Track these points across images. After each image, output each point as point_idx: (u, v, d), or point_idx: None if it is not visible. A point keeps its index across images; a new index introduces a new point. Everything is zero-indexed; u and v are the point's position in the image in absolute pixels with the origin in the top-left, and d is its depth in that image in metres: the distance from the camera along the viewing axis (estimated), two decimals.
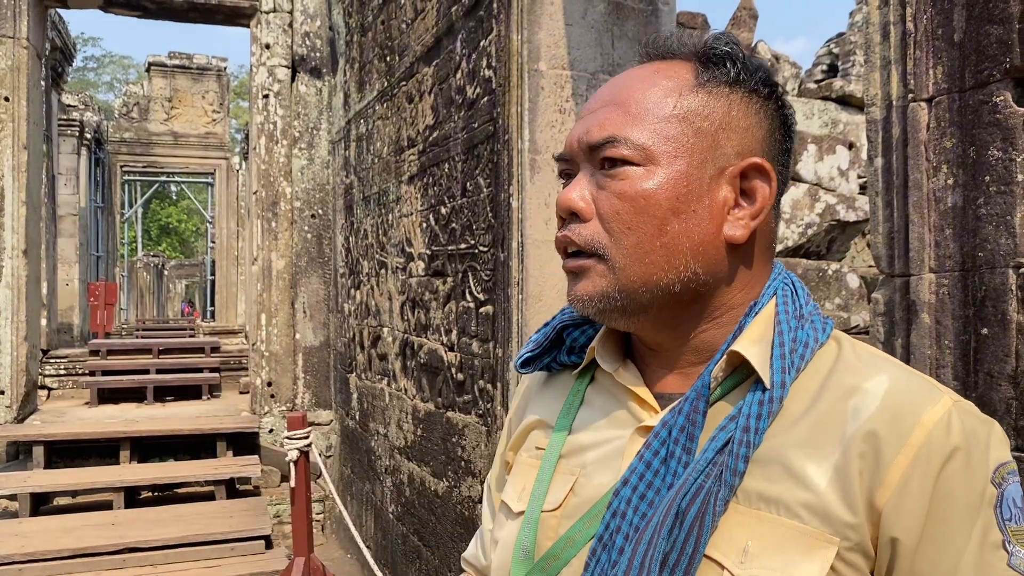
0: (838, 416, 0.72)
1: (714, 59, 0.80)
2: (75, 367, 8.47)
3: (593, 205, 0.78)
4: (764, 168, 0.79)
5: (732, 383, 0.77)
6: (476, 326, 3.50)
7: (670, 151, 0.76)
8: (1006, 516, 0.69)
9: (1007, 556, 0.68)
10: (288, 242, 6.76)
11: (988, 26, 1.44)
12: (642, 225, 0.76)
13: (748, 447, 0.71)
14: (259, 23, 6.80)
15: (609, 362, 0.85)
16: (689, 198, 0.76)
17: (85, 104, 15.45)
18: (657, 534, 0.71)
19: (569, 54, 3.10)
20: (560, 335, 0.92)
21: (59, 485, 5.67)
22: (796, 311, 0.79)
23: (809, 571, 0.68)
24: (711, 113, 0.78)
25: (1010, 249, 1.41)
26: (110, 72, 42.21)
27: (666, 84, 0.79)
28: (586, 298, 0.79)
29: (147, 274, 24.69)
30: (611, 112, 0.79)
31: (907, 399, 0.71)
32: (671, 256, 0.76)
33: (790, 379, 0.74)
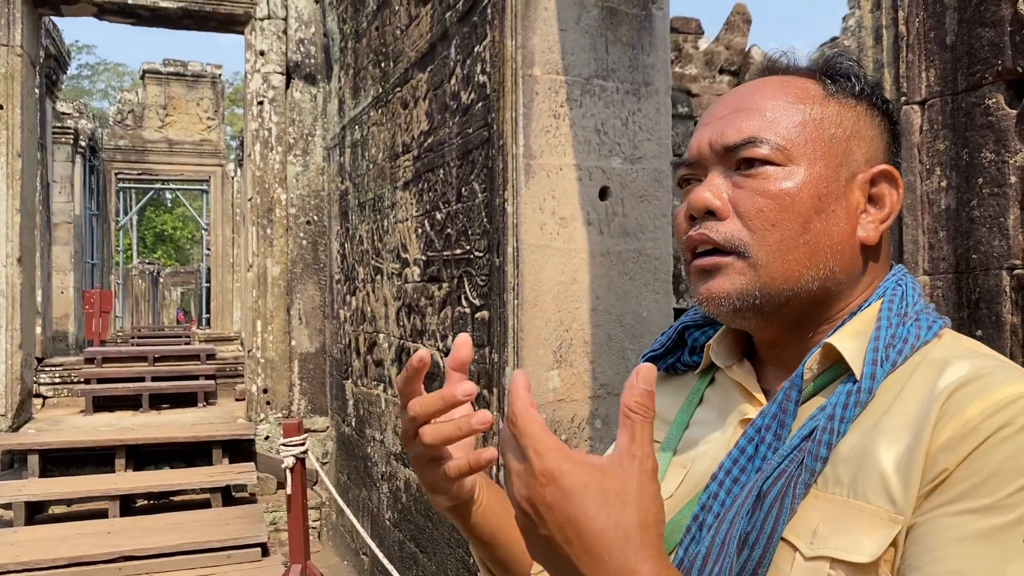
0: (918, 401, 0.72)
1: (839, 73, 0.84)
2: (70, 375, 8.45)
3: (729, 204, 0.80)
4: (892, 175, 0.83)
5: (829, 378, 0.79)
6: (472, 332, 3.50)
7: (808, 152, 0.79)
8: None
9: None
10: (283, 248, 6.75)
11: (980, 29, 1.45)
12: (786, 222, 0.78)
13: (831, 434, 0.73)
14: (254, 30, 6.80)
15: (724, 359, 0.88)
16: (829, 198, 0.79)
17: (80, 112, 15.44)
18: (739, 515, 0.74)
19: (563, 59, 3.10)
20: (682, 336, 0.96)
21: (54, 494, 5.65)
22: (900, 310, 0.79)
23: (870, 548, 0.68)
24: (843, 121, 0.81)
25: (1004, 251, 1.41)
26: (105, 80, 42.19)
27: (797, 93, 0.82)
28: (723, 295, 0.80)
29: (142, 282, 24.65)
30: (746, 116, 0.81)
31: (987, 375, 0.70)
32: (813, 254, 0.78)
33: (881, 371, 0.75)
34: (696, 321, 0.95)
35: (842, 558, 0.69)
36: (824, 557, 0.70)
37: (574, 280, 3.10)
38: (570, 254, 3.09)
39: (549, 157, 3.06)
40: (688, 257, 0.83)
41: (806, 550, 0.71)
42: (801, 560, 0.71)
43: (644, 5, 3.25)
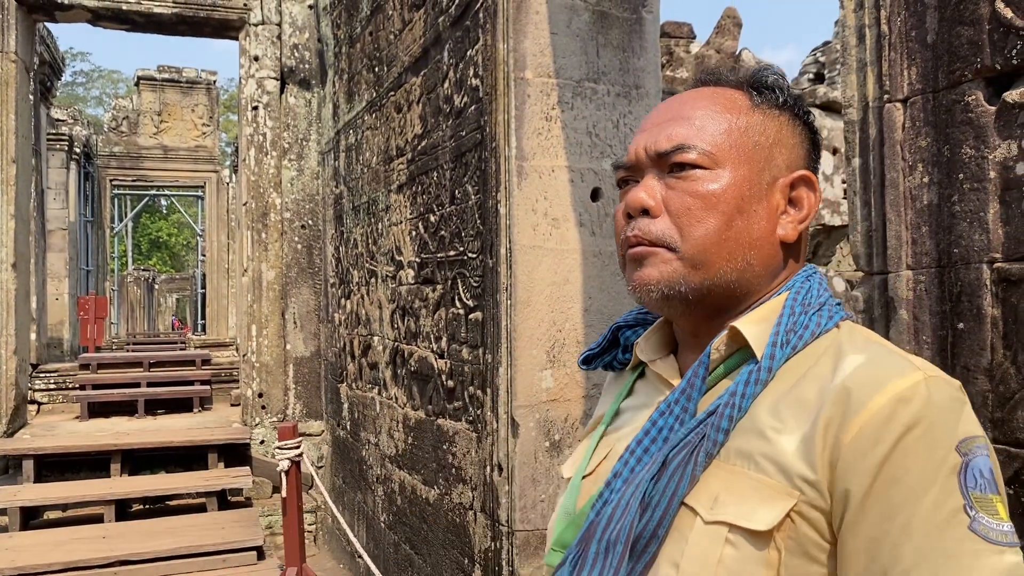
0: (817, 389, 0.78)
1: (764, 85, 0.92)
2: (65, 381, 8.44)
3: (662, 204, 0.87)
4: (811, 179, 0.91)
5: (736, 362, 0.86)
6: (466, 333, 3.52)
7: (733, 157, 0.87)
8: (970, 484, 0.71)
9: (968, 520, 0.69)
10: (278, 253, 6.77)
11: (959, 27, 1.48)
12: (710, 219, 0.85)
13: (734, 409, 0.80)
14: (248, 35, 6.82)
15: (649, 355, 0.97)
16: (751, 199, 0.86)
17: (74, 118, 15.44)
18: (644, 479, 0.81)
19: (555, 62, 3.13)
20: (616, 336, 1.04)
21: (49, 499, 5.65)
22: (805, 301, 0.86)
23: (766, 517, 0.75)
24: (766, 130, 0.89)
25: (984, 245, 1.44)
26: (99, 87, 42.17)
27: (725, 103, 0.90)
28: (651, 283, 0.87)
29: (137, 288, 24.62)
30: (677, 125, 0.89)
31: (879, 370, 0.76)
32: (734, 248, 0.86)
33: (781, 354, 0.82)
34: (628, 322, 1.03)
35: (740, 524, 0.76)
36: (723, 522, 0.77)
37: (567, 280, 3.13)
38: (563, 255, 3.12)
39: (541, 159, 3.09)
40: (623, 252, 0.91)
41: (706, 515, 0.78)
42: (701, 524, 0.78)
43: (634, 9, 3.28)
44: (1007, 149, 1.41)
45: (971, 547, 0.69)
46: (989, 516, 0.70)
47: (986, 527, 0.69)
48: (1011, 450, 1.40)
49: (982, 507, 0.70)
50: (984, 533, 0.69)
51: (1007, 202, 1.41)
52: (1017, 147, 1.39)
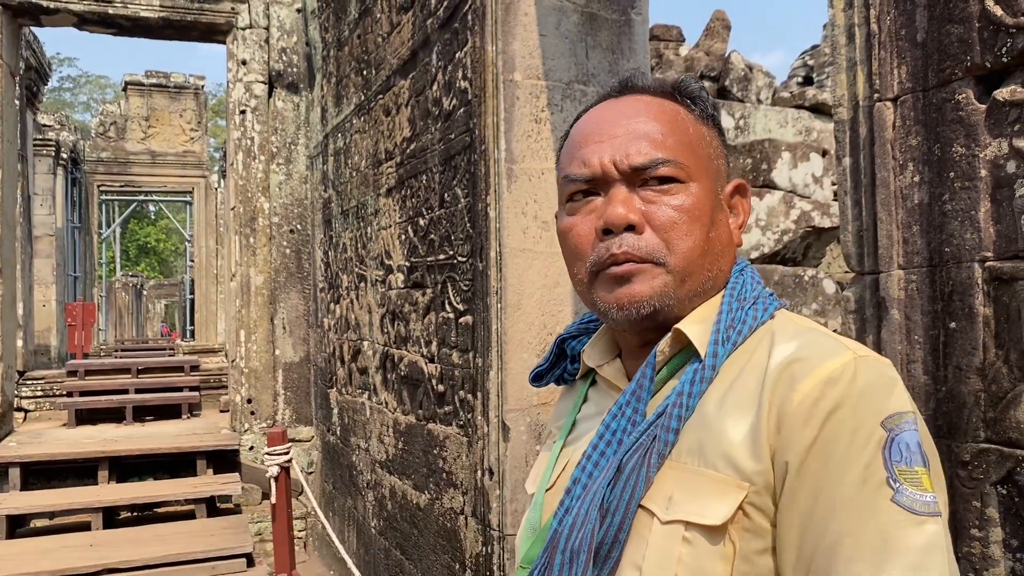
0: (757, 377, 0.81)
1: (692, 96, 0.93)
2: (52, 388, 8.36)
3: (643, 218, 0.87)
4: (745, 187, 0.95)
5: (681, 361, 0.87)
6: (456, 337, 3.50)
7: (701, 170, 0.89)
8: (895, 457, 0.73)
9: (892, 492, 0.71)
10: (267, 258, 6.73)
11: (949, 26, 1.47)
12: (696, 232, 0.86)
13: (682, 408, 0.82)
14: (236, 39, 6.79)
15: (596, 360, 0.97)
16: (716, 209, 0.90)
17: (61, 124, 15.36)
18: (601, 486, 0.82)
19: (544, 64, 3.12)
20: (562, 348, 1.05)
21: (36, 507, 5.59)
22: (741, 296, 0.89)
23: (720, 512, 0.76)
24: (711, 142, 0.92)
25: (975, 244, 1.43)
26: (87, 92, 41.96)
27: (675, 115, 0.90)
28: (643, 299, 0.86)
29: (126, 294, 24.48)
30: (644, 137, 0.88)
31: (812, 352, 0.79)
32: (712, 259, 0.89)
33: (723, 351, 0.84)
34: (572, 333, 1.04)
35: (695, 521, 0.77)
36: (679, 521, 0.78)
37: (557, 283, 3.11)
38: (553, 257, 3.10)
39: (531, 161, 3.08)
40: (598, 268, 0.88)
41: (663, 515, 0.79)
42: (659, 524, 0.79)
43: (623, 11, 3.27)
44: (998, 147, 1.40)
45: (894, 518, 0.71)
46: (913, 488, 0.72)
47: (910, 498, 0.71)
48: (1004, 450, 1.39)
49: (906, 479, 0.72)
50: (907, 504, 0.71)
51: (998, 200, 1.40)
52: (1008, 145, 1.39)
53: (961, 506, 1.45)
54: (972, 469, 1.44)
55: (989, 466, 1.41)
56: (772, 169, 5.06)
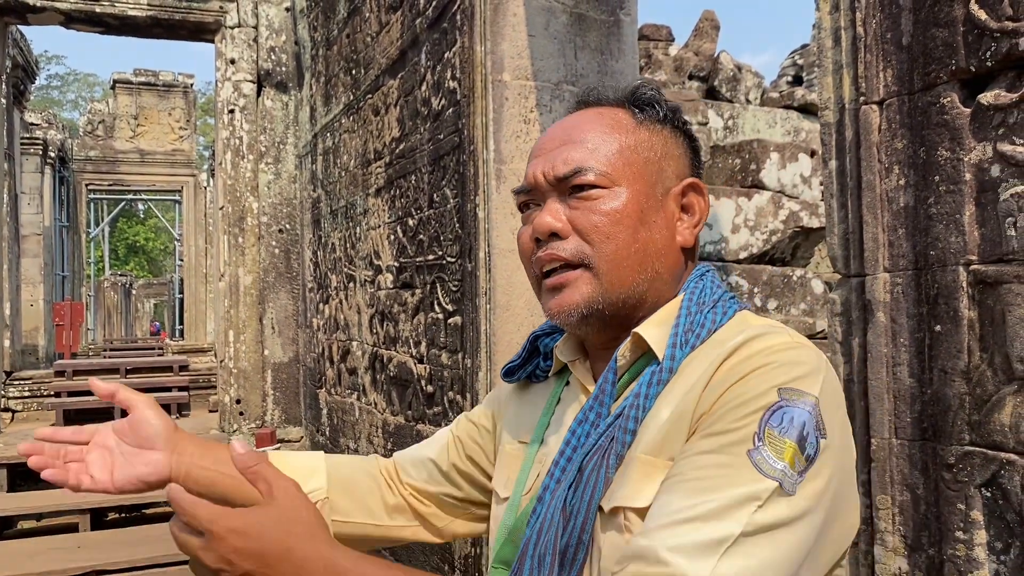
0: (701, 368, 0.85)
1: (644, 102, 0.96)
2: (40, 388, 8.33)
3: (569, 225, 0.91)
4: (699, 186, 0.97)
5: (642, 365, 0.90)
6: (445, 337, 3.49)
7: (628, 175, 0.91)
8: (773, 422, 0.76)
9: (751, 447, 0.75)
10: (255, 257, 6.71)
11: (934, 29, 1.48)
12: (619, 233, 0.89)
13: (638, 410, 0.85)
14: (224, 38, 6.77)
15: (569, 356, 1.00)
16: (650, 211, 0.92)
17: (49, 122, 15.27)
18: (564, 488, 0.86)
19: (533, 65, 3.12)
20: (535, 345, 1.07)
21: (23, 508, 5.56)
22: (700, 300, 0.92)
23: (648, 493, 0.80)
24: (654, 145, 0.94)
25: (960, 247, 1.44)
26: (75, 90, 41.73)
27: (612, 124, 0.94)
28: (572, 306, 0.90)
29: (114, 294, 24.36)
30: (571, 149, 0.93)
31: (755, 334, 0.84)
32: (643, 259, 0.91)
33: (680, 353, 0.87)
34: (545, 330, 1.06)
35: (628, 505, 0.81)
36: (618, 508, 0.81)
37: None
38: None
39: (520, 162, 3.07)
40: (538, 274, 0.94)
41: (606, 506, 0.83)
42: (605, 516, 0.83)
43: (612, 11, 3.27)
44: (982, 151, 1.41)
45: (739, 467, 0.74)
46: (772, 453, 0.74)
47: (763, 459, 0.74)
48: (988, 453, 1.39)
49: (771, 443, 0.75)
50: (758, 463, 0.74)
51: (983, 204, 1.41)
52: (992, 149, 1.39)
53: (946, 509, 1.46)
54: (957, 472, 1.44)
55: (974, 469, 1.42)
56: (761, 169, 5.07)
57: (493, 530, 1.01)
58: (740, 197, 4.87)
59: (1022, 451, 1.34)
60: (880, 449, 1.58)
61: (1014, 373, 1.35)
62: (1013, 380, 1.36)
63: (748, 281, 4.55)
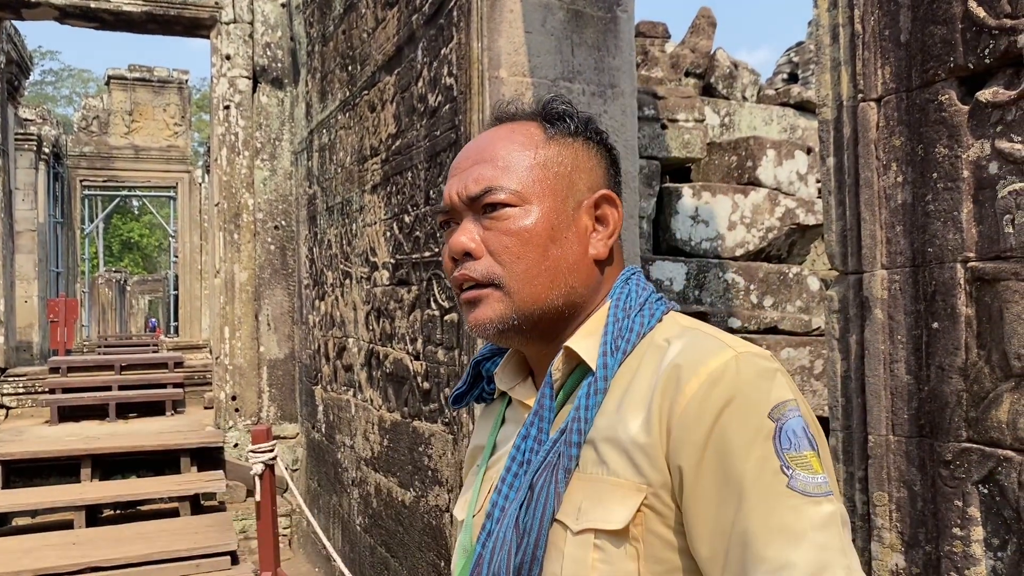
0: (648, 380, 0.85)
1: (556, 116, 0.97)
2: (34, 385, 8.30)
3: (482, 244, 0.92)
4: (611, 197, 0.97)
5: (577, 378, 0.91)
6: (441, 334, 3.49)
7: (538, 192, 0.92)
8: (784, 446, 0.78)
9: (786, 479, 0.76)
10: (251, 254, 6.69)
11: (932, 27, 1.48)
12: (528, 253, 0.90)
13: (581, 422, 0.85)
14: (219, 34, 6.74)
15: (507, 382, 1.01)
16: (560, 227, 0.92)
17: (43, 118, 15.20)
18: (516, 508, 0.87)
19: (529, 61, 3.11)
20: (478, 370, 1.07)
21: (17, 505, 5.54)
22: (626, 305, 0.92)
23: (620, 516, 0.80)
24: (564, 159, 0.94)
25: (958, 244, 1.44)
26: (69, 86, 41.59)
27: (523, 140, 0.94)
28: (486, 321, 0.91)
29: (109, 290, 24.28)
30: (483, 168, 0.93)
31: (695, 353, 0.83)
32: (554, 276, 0.91)
33: (613, 361, 0.88)
34: (485, 355, 1.07)
35: (601, 527, 0.81)
36: (588, 529, 0.82)
37: None
38: None
39: None
40: (457, 292, 0.96)
41: (573, 526, 0.83)
42: (571, 536, 0.83)
43: (609, 8, 3.27)
44: (980, 148, 1.41)
45: (792, 502, 0.75)
46: (804, 472, 0.77)
47: (803, 482, 0.76)
48: (985, 449, 1.40)
49: (797, 465, 0.77)
50: (802, 488, 0.76)
51: (980, 201, 1.41)
52: (990, 146, 1.39)
53: (943, 505, 1.46)
54: (954, 468, 1.45)
55: (971, 465, 1.42)
56: (757, 166, 5.07)
57: (454, 556, 1.02)
58: (736, 194, 4.87)
59: (1019, 448, 1.35)
60: (877, 446, 1.58)
61: (1011, 370, 1.35)
62: (1010, 377, 1.36)
63: (744, 278, 4.55)
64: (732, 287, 4.53)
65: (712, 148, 5.42)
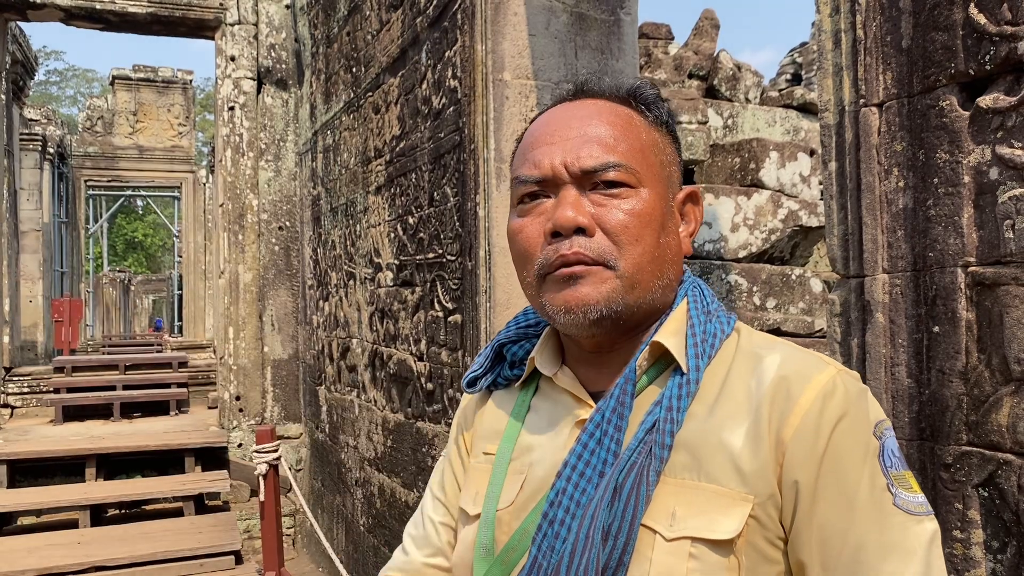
0: (745, 389, 0.83)
1: (647, 102, 0.93)
2: (39, 385, 8.33)
3: (594, 221, 0.85)
4: (696, 195, 0.95)
5: (655, 373, 0.88)
6: (445, 335, 3.50)
7: (652, 176, 0.88)
8: (888, 464, 0.80)
9: (892, 497, 0.78)
10: (255, 255, 6.71)
11: (933, 33, 1.49)
12: (647, 237, 0.86)
13: (672, 423, 0.82)
14: (224, 35, 6.77)
15: (549, 367, 0.94)
16: (667, 216, 0.89)
17: (48, 118, 15.25)
18: (599, 508, 0.80)
19: (533, 64, 3.13)
20: (500, 352, 1.01)
21: (23, 504, 5.57)
22: (704, 308, 0.90)
23: (728, 526, 0.78)
24: (665, 147, 0.92)
25: (959, 249, 1.45)
26: (73, 86, 41.69)
27: (627, 120, 0.89)
28: (592, 302, 0.84)
29: (113, 290, 24.34)
30: (594, 140, 0.87)
31: (800, 366, 0.83)
32: (661, 265, 0.88)
33: (703, 364, 0.85)
34: (511, 337, 1.01)
35: (703, 536, 0.78)
36: (685, 537, 0.78)
37: None
38: None
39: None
40: (543, 272, 0.87)
41: (666, 532, 0.79)
42: (663, 542, 0.79)
43: (612, 11, 3.28)
44: (981, 154, 1.42)
45: (899, 520, 0.77)
46: (906, 491, 0.79)
47: (906, 501, 0.78)
48: (986, 453, 1.41)
49: (899, 484, 0.79)
50: (906, 507, 0.78)
51: (981, 206, 1.42)
52: (991, 152, 1.40)
53: (943, 508, 1.47)
54: (954, 471, 1.46)
55: (971, 469, 1.43)
56: (760, 168, 5.08)
57: (462, 553, 0.94)
58: (739, 196, 4.88)
59: (1019, 451, 1.36)
60: None
61: (1011, 374, 1.36)
62: (1010, 381, 1.37)
63: (747, 280, 4.56)
64: (735, 289, 4.54)
65: (715, 150, 5.43)
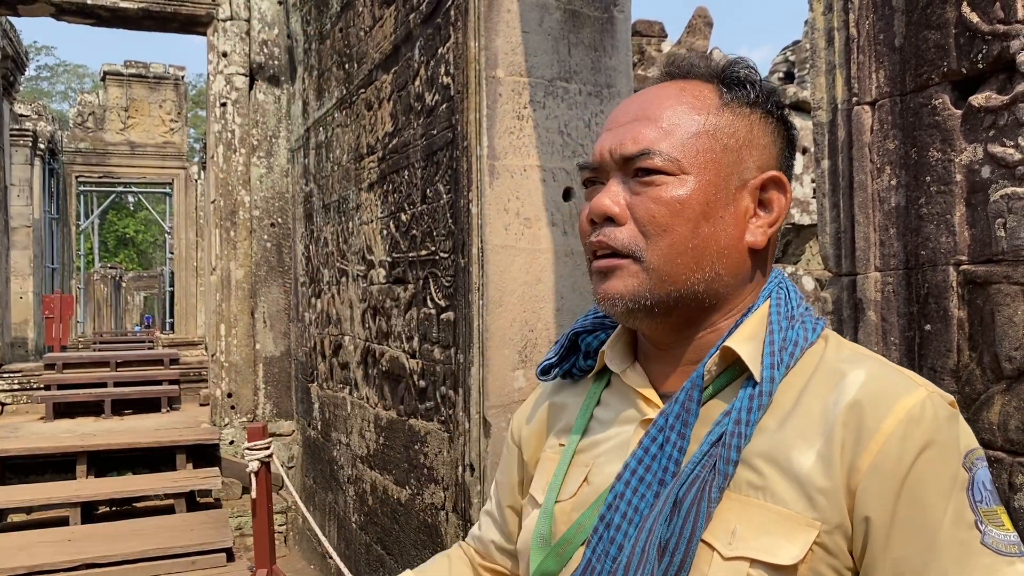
0: (821, 407, 0.77)
1: (736, 81, 0.87)
2: (30, 381, 8.29)
3: (627, 210, 0.84)
4: (781, 181, 0.87)
5: (726, 380, 0.83)
6: (438, 332, 3.50)
7: (700, 162, 0.83)
8: (977, 498, 0.73)
9: (980, 535, 0.72)
10: (247, 251, 6.69)
11: (926, 31, 1.49)
12: (677, 227, 0.81)
13: (740, 438, 0.77)
14: (216, 31, 6.74)
15: (618, 364, 0.92)
16: (717, 205, 0.83)
17: (38, 114, 15.18)
18: (656, 522, 0.77)
19: (526, 61, 3.12)
20: (575, 342, 0.98)
21: (13, 502, 5.55)
22: (788, 312, 0.85)
23: (791, 552, 0.73)
24: (736, 131, 0.85)
25: (951, 247, 1.45)
26: (64, 81, 41.49)
27: (694, 102, 0.85)
28: (617, 296, 0.83)
29: (104, 286, 24.24)
30: (643, 126, 0.84)
31: (885, 386, 0.76)
32: (700, 257, 0.82)
33: (779, 374, 0.79)
34: (587, 327, 0.98)
35: (763, 559, 0.74)
36: (744, 558, 0.74)
37: (539, 280, 3.12)
38: (535, 254, 3.11)
39: (513, 158, 3.08)
40: (590, 259, 0.87)
41: (725, 550, 0.75)
42: (720, 560, 0.75)
43: (606, 8, 3.28)
44: (973, 152, 1.42)
45: (986, 561, 0.71)
46: (996, 528, 0.73)
47: (996, 539, 0.72)
48: None
49: (990, 520, 0.73)
50: (995, 546, 0.72)
51: (973, 205, 1.42)
52: (983, 150, 1.40)
53: None
54: None
55: None
56: None
57: (526, 534, 0.93)
58: None
59: (1010, 449, 1.36)
60: None
61: (1003, 372, 1.37)
62: (1002, 379, 1.37)
63: None
64: None
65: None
